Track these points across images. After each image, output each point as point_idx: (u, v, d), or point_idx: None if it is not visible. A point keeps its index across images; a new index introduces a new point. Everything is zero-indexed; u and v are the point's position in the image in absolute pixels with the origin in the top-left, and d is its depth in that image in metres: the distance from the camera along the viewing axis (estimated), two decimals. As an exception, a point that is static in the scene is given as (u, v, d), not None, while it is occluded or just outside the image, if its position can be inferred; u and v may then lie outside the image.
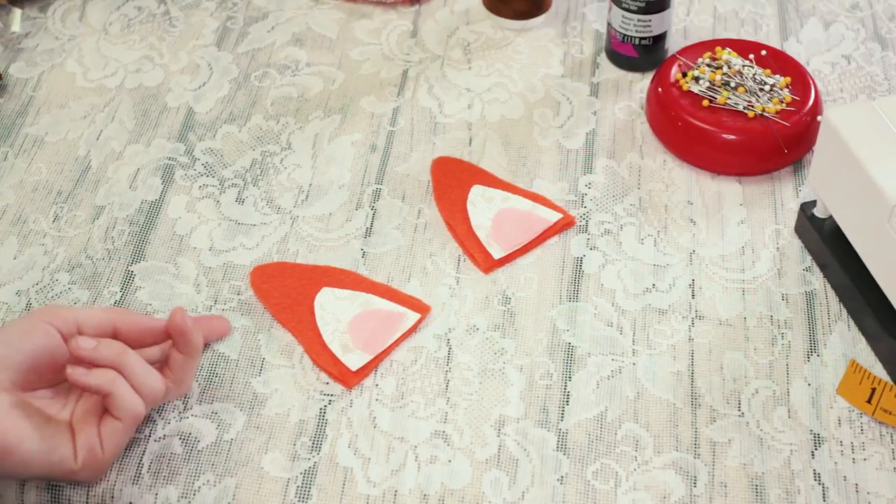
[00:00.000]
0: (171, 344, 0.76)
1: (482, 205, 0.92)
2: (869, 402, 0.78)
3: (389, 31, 1.09)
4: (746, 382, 0.81)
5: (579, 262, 0.89)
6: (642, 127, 0.99)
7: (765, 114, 0.92)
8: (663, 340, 0.83)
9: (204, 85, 1.04)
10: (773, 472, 0.76)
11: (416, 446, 0.78)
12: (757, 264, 0.88)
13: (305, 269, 0.87)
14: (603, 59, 1.05)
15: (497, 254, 0.89)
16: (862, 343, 0.83)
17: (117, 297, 0.87)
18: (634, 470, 0.76)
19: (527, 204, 0.92)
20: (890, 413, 0.77)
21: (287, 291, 0.86)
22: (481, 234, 0.90)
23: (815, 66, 1.04)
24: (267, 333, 0.84)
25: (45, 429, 0.72)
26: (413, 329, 0.84)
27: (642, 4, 0.98)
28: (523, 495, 0.75)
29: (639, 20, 0.99)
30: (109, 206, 0.94)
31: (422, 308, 0.85)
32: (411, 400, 0.80)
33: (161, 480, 0.76)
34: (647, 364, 0.82)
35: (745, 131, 0.92)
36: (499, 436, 0.78)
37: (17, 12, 1.11)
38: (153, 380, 0.74)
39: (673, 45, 1.04)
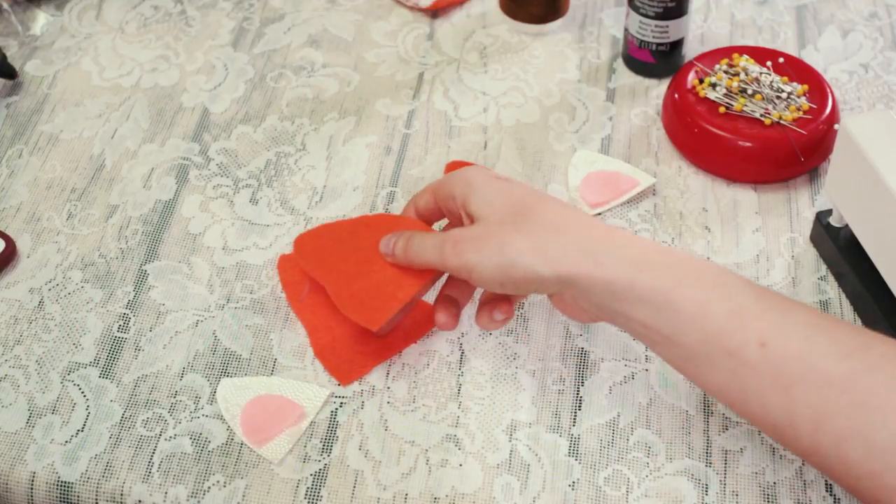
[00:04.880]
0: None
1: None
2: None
3: (406, 33, 1.09)
4: (760, 391, 0.80)
5: (593, 267, 0.88)
6: (658, 133, 0.99)
7: (781, 121, 0.92)
8: (676, 347, 0.83)
9: (219, 85, 1.04)
10: (785, 482, 0.75)
11: (426, 450, 0.77)
12: (772, 272, 0.88)
13: (345, 224, 0.84)
14: (619, 64, 1.05)
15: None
16: (876, 353, 0.82)
17: (130, 297, 0.87)
18: (646, 476, 0.76)
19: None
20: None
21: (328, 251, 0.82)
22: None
23: (832, 74, 1.04)
24: (279, 334, 0.84)
25: None
26: (425, 333, 0.84)
27: (660, 10, 0.98)
28: (534, 500, 0.75)
29: (656, 26, 0.99)
30: (123, 205, 0.94)
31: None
32: (423, 404, 0.80)
33: (171, 480, 0.76)
34: (660, 370, 0.81)
35: (761, 139, 0.91)
36: (510, 440, 0.78)
37: (40, 15, 1.11)
38: None
39: (690, 51, 1.04)
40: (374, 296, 0.79)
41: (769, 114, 0.92)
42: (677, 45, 1.02)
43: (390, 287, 0.79)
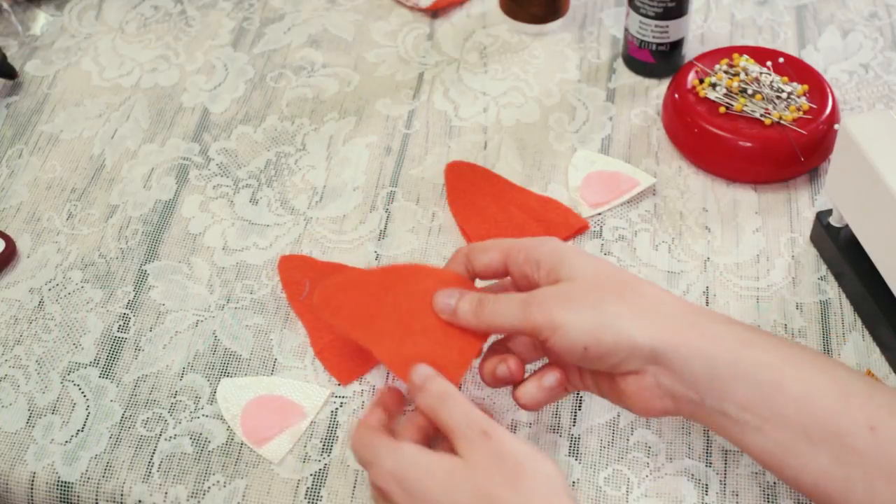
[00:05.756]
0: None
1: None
2: (883, 412, 0.77)
3: (406, 33, 1.09)
4: (760, 391, 0.80)
5: (593, 267, 0.88)
6: (658, 133, 0.99)
7: (781, 121, 0.92)
8: (677, 347, 0.83)
9: (219, 85, 1.04)
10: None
11: (426, 450, 0.77)
12: (772, 272, 0.88)
13: (373, 276, 0.79)
14: (619, 64, 1.05)
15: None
16: (876, 353, 0.82)
17: (130, 297, 0.87)
18: (646, 476, 0.76)
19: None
20: (904, 424, 0.77)
21: (359, 306, 0.77)
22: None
23: (832, 74, 1.04)
24: (279, 334, 0.84)
25: None
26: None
27: (660, 10, 0.98)
28: (534, 501, 0.75)
29: (656, 26, 0.99)
30: (123, 205, 0.94)
31: None
32: (423, 403, 0.80)
33: (171, 480, 0.76)
34: (660, 371, 0.81)
35: (761, 139, 0.91)
36: (510, 440, 0.78)
37: (40, 15, 1.11)
38: None
39: (690, 51, 1.04)
40: (438, 361, 0.72)
41: (769, 114, 0.92)
42: (677, 45, 1.02)
43: (454, 350, 0.73)
